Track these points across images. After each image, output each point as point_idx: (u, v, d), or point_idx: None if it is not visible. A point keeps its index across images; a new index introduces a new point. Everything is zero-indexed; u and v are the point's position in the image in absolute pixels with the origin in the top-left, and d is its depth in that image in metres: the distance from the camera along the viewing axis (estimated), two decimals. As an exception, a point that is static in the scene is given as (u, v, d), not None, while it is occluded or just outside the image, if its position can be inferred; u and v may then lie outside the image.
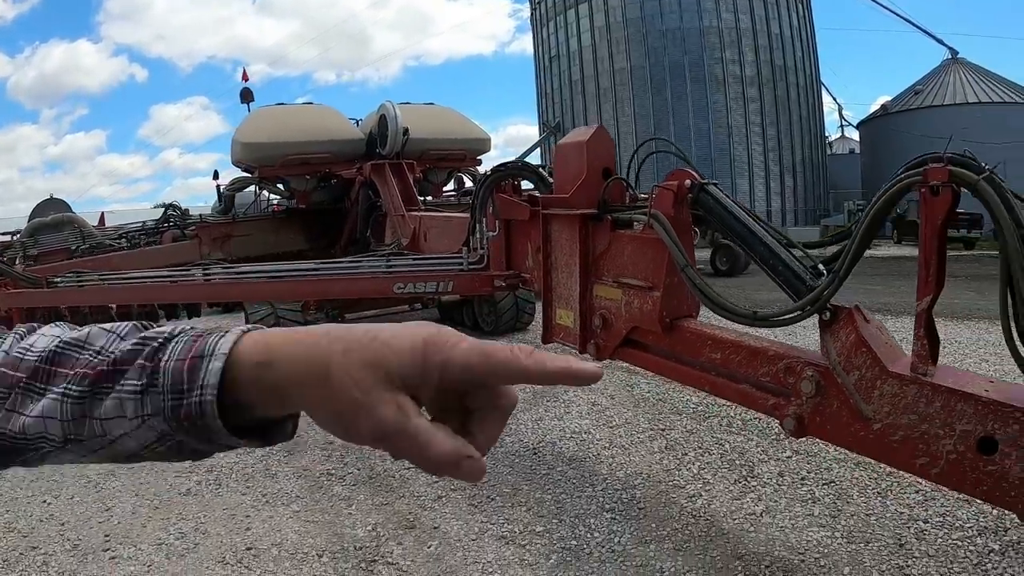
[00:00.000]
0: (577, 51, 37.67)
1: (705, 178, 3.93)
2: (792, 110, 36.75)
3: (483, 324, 10.68)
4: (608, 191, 4.48)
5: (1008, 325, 2.93)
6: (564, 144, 4.94)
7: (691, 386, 4.16)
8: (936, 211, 3.05)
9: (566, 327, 4.75)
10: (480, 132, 12.32)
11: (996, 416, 2.88)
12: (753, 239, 3.59)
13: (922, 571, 3.83)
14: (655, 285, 4.00)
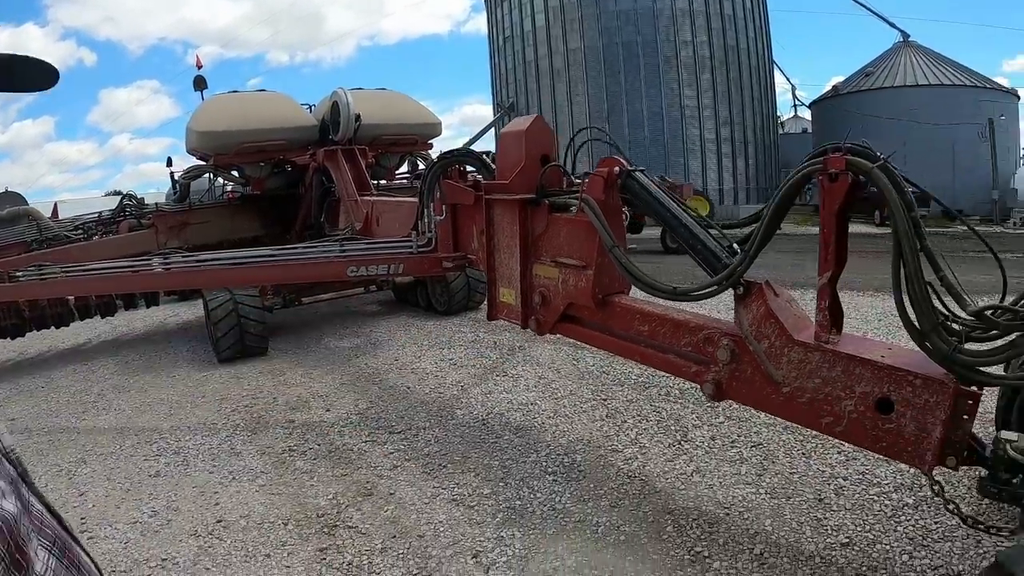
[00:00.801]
0: (531, 31, 37.52)
1: (634, 165, 4.26)
2: (745, 90, 37.03)
3: (436, 304, 10.96)
4: (545, 177, 4.78)
5: (900, 297, 3.29)
6: (505, 133, 5.23)
7: (623, 357, 4.49)
8: (834, 196, 3.39)
9: (509, 304, 5.07)
10: (431, 117, 12.50)
11: (891, 379, 3.22)
12: (675, 221, 3.92)
13: (838, 523, 4.19)
14: (588, 264, 4.32)
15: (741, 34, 37.08)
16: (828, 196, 3.37)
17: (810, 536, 4.03)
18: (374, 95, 11.99)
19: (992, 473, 3.08)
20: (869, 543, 3.99)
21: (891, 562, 3.80)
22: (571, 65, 35.89)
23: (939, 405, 3.12)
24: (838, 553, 3.89)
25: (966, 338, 3.13)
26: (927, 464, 3.15)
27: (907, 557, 3.86)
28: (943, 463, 3.15)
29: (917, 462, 3.20)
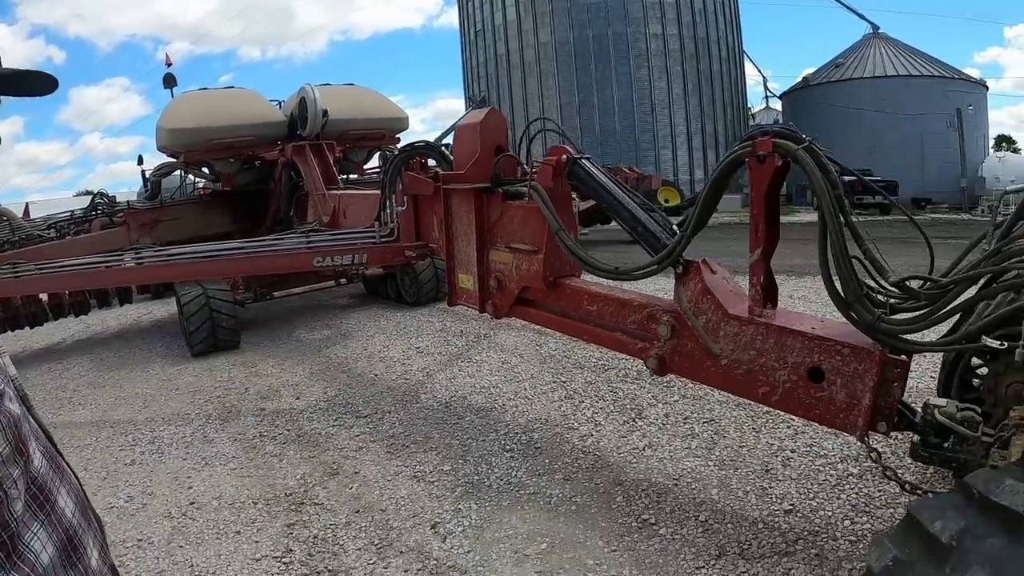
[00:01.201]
0: (502, 25, 37.54)
1: (581, 153, 4.45)
2: (715, 83, 37.23)
3: (406, 296, 11.11)
4: (500, 167, 4.96)
5: (827, 273, 3.49)
6: (461, 126, 5.41)
7: (574, 336, 4.69)
8: (763, 177, 3.58)
9: (468, 290, 5.25)
10: (398, 111, 12.63)
11: (821, 349, 3.41)
12: (618, 205, 4.11)
13: (783, 491, 4.40)
14: (539, 248, 4.52)
15: (712, 26, 37.23)
16: (756, 177, 3.55)
17: (755, 504, 4.23)
18: (341, 91, 12.11)
19: (923, 438, 3.24)
20: (812, 510, 4.18)
21: (832, 527, 3.98)
22: (542, 58, 35.96)
23: (867, 373, 3.27)
24: (781, 519, 4.07)
25: (896, 309, 3.34)
26: (859, 430, 3.30)
27: (848, 523, 4.03)
28: (874, 429, 3.30)
29: (849, 428, 3.35)
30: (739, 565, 3.64)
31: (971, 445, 3.03)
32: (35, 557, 1.07)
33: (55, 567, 1.11)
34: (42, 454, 1.15)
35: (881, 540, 1.95)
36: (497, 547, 3.94)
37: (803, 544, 3.81)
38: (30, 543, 1.07)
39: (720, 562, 3.68)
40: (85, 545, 1.23)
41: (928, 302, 3.20)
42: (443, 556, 3.90)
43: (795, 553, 3.71)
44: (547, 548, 3.90)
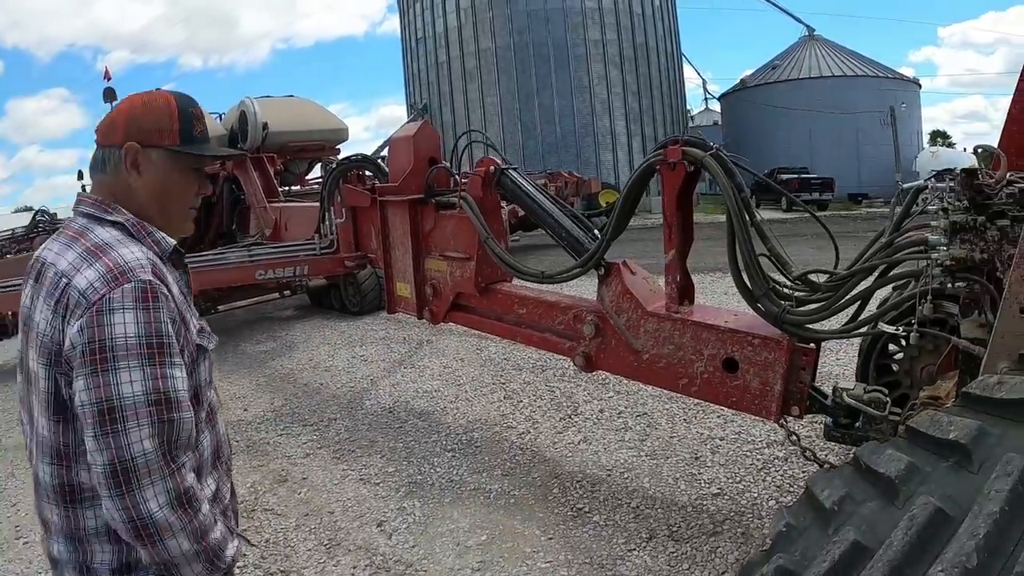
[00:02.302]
0: (443, 32, 37.26)
1: (508, 164, 4.66)
2: (655, 86, 37.39)
3: (349, 305, 11.16)
4: (432, 178, 5.14)
5: (736, 270, 3.72)
6: (395, 139, 5.58)
7: (507, 338, 4.92)
8: (674, 182, 3.81)
9: (405, 297, 5.42)
10: (337, 123, 12.69)
11: (734, 341, 3.63)
12: (542, 212, 4.34)
13: (712, 477, 4.63)
14: (471, 256, 4.72)
15: (651, 31, 37.39)
16: (668, 183, 3.78)
17: (684, 489, 4.46)
18: (281, 103, 12.13)
19: (834, 420, 3.47)
20: (739, 492, 4.41)
21: (758, 507, 4.21)
22: (483, 65, 35.90)
23: (777, 361, 3.48)
24: (709, 502, 4.30)
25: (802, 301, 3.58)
26: (773, 415, 3.52)
27: (773, 503, 4.26)
28: (788, 413, 3.52)
29: (764, 413, 3.56)
30: (668, 546, 3.84)
31: (879, 424, 3.25)
32: (203, 450, 1.71)
33: (208, 462, 1.74)
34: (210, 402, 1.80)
35: (780, 511, 2.09)
36: (440, 541, 4.12)
37: (730, 524, 4.02)
38: (201, 441, 1.70)
39: (650, 544, 3.87)
40: (224, 456, 1.88)
41: (830, 293, 3.46)
42: (389, 552, 4.06)
43: (722, 533, 3.93)
44: (487, 539, 4.09)
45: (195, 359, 1.69)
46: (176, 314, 1.59)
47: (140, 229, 1.66)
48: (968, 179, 2.58)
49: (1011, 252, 2.39)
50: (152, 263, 1.58)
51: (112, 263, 1.52)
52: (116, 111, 1.70)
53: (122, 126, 1.66)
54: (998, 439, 1.64)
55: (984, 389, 1.89)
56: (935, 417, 1.91)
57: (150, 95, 1.71)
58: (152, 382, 1.47)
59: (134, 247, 1.60)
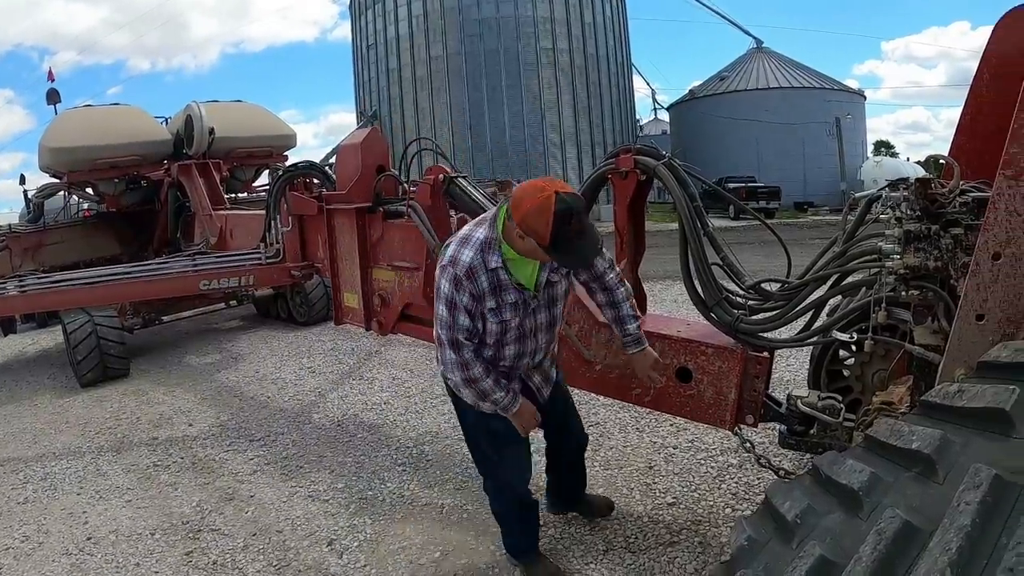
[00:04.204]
0: (395, 39, 36.97)
1: (457, 172, 4.58)
2: (604, 95, 37.61)
3: (297, 315, 10.96)
4: (380, 186, 5.04)
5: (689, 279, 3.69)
6: (343, 146, 5.46)
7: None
8: (625, 191, 3.78)
9: (353, 308, 5.30)
10: (285, 129, 12.45)
11: (687, 350, 3.59)
12: None
13: (666, 486, 4.57)
14: (419, 265, 4.63)
15: (601, 41, 37.61)
16: (620, 192, 3.75)
17: (639, 499, 4.38)
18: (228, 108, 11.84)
19: (789, 427, 3.46)
20: (694, 501, 4.35)
21: (715, 516, 4.16)
22: (434, 73, 35.69)
23: (731, 370, 3.48)
24: (665, 512, 4.23)
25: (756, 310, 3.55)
26: (727, 424, 3.54)
27: (729, 510, 4.21)
28: (743, 421, 3.55)
29: (719, 422, 3.58)
30: (626, 558, 3.77)
31: (834, 431, 3.28)
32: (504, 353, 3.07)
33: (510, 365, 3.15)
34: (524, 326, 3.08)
35: (740, 523, 2.04)
36: (392, 559, 4.00)
37: (687, 534, 3.96)
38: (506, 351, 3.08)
39: (607, 556, 3.80)
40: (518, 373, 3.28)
41: (783, 302, 3.43)
42: (340, 571, 3.93)
43: (679, 543, 3.87)
44: (440, 556, 3.98)
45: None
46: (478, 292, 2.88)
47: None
48: (922, 188, 2.59)
49: (965, 260, 2.43)
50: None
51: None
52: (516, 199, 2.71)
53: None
54: (961, 448, 1.61)
55: (944, 397, 1.86)
56: (895, 426, 1.89)
57: (532, 185, 2.72)
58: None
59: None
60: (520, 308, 2.99)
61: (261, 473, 5.34)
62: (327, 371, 8.11)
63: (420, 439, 5.73)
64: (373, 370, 7.94)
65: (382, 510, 4.58)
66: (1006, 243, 2.05)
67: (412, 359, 8.21)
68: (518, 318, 3.01)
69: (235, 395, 7.52)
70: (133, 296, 8.49)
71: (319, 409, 6.75)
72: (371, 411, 6.54)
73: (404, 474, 5.09)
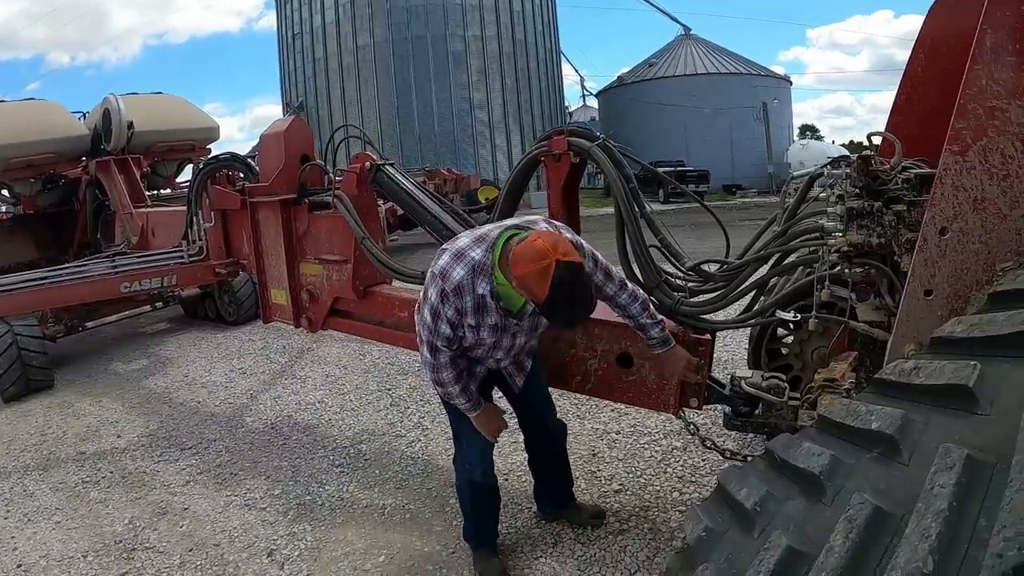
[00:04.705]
0: (321, 27, 36.50)
1: (385, 159, 4.40)
2: (533, 82, 37.81)
3: (225, 315, 10.56)
4: (305, 176, 4.83)
5: (626, 260, 3.60)
6: (265, 135, 5.20)
7: (391, 344, 4.65)
8: (559, 175, 3.66)
9: (281, 305, 5.09)
10: (208, 121, 11.97)
11: (627, 336, 3.49)
12: (420, 209, 4.11)
13: (611, 473, 4.51)
14: (347, 258, 4.44)
15: (530, 28, 37.77)
16: (553, 175, 3.64)
17: (585, 488, 4.28)
18: (148, 100, 11.28)
19: (733, 409, 3.42)
20: (641, 487, 4.31)
21: (662, 500, 4.12)
22: (361, 62, 35.31)
23: None
24: (612, 499, 4.18)
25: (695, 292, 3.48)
26: (672, 408, 3.46)
27: (677, 494, 4.18)
28: (687, 405, 3.47)
29: (663, 407, 3.50)
30: (576, 550, 3.69)
31: (779, 410, 3.24)
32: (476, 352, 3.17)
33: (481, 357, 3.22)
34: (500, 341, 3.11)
35: (694, 511, 1.97)
36: (336, 566, 3.83)
37: (636, 521, 3.91)
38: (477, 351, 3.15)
39: (557, 550, 3.72)
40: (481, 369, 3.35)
41: (724, 283, 3.36)
42: (282, 583, 3.75)
43: (629, 531, 3.82)
44: (386, 560, 3.83)
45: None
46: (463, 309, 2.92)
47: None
48: (864, 165, 2.57)
49: (908, 236, 2.45)
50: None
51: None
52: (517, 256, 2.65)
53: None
54: (923, 427, 1.56)
55: (900, 375, 1.80)
56: (850, 406, 1.83)
57: (533, 245, 2.62)
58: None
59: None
60: (499, 330, 3.04)
61: (194, 483, 5.09)
62: (258, 371, 7.84)
63: (357, 438, 5.54)
64: (306, 368, 7.70)
65: (322, 515, 4.39)
66: (953, 218, 2.04)
67: (345, 355, 7.98)
68: (495, 338, 3.07)
69: (164, 402, 7.19)
70: (54, 303, 8.05)
71: (252, 412, 6.49)
72: (305, 411, 6.32)
73: (342, 476, 4.90)
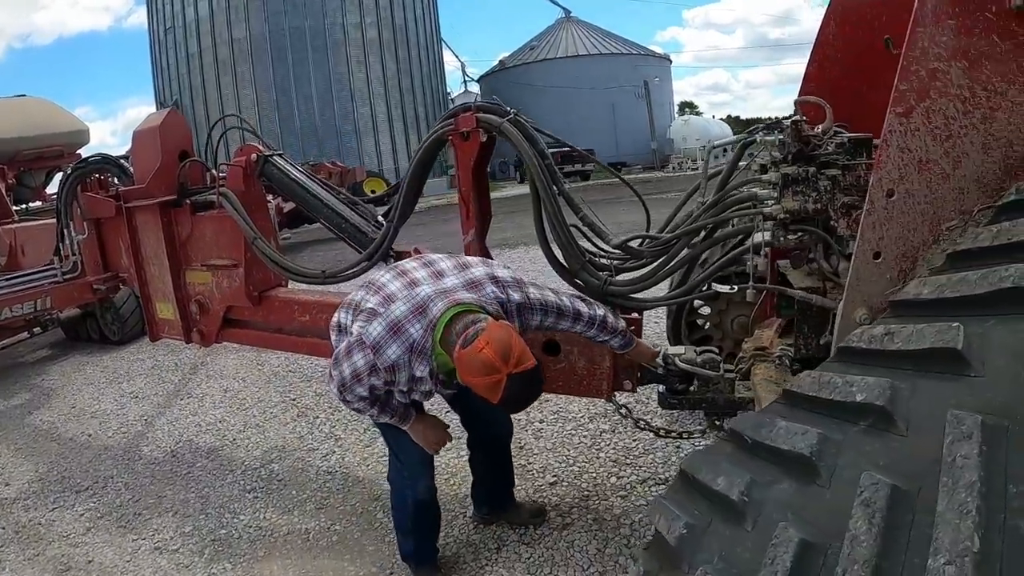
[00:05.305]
0: (194, 21, 35.61)
1: (272, 149, 4.05)
2: (415, 70, 38.00)
3: (110, 334, 9.82)
4: (185, 174, 4.42)
5: (545, 241, 3.39)
6: (138, 132, 4.74)
7: (293, 352, 4.34)
8: (468, 155, 3.42)
9: (168, 320, 4.69)
10: (77, 124, 11.22)
11: (557, 321, 3.30)
12: (316, 202, 3.81)
13: (543, 464, 4.36)
14: (238, 262, 4.10)
15: (409, 14, 37.91)
16: (463, 155, 3.41)
17: (519, 484, 4.02)
18: (10, 105, 10.44)
19: (668, 387, 3.31)
20: (576, 476, 4.17)
21: (601, 487, 4.01)
22: (237, 55, 34.65)
23: None
24: (549, 493, 4.01)
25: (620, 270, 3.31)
26: (605, 393, 3.37)
27: (615, 479, 4.07)
28: (620, 388, 3.39)
29: (595, 392, 3.40)
30: (522, 552, 3.53)
31: (716, 384, 3.20)
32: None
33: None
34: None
35: (664, 506, 1.82)
36: (265, 605, 3.47)
37: (578, 512, 3.77)
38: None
39: (501, 555, 3.54)
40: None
41: (653, 258, 3.24)
42: (208, 633, 3.37)
43: (573, 524, 3.68)
44: (318, 589, 3.50)
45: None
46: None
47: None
48: (796, 131, 2.54)
49: (844, 200, 2.47)
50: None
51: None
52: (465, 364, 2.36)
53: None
54: (911, 394, 1.48)
55: (871, 341, 1.72)
56: (821, 378, 1.74)
57: (482, 356, 2.30)
58: None
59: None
60: (432, 394, 2.85)
61: (96, 530, 4.56)
62: (151, 394, 7.23)
63: (266, 457, 5.12)
64: (202, 385, 7.15)
65: (241, 549, 3.99)
66: (899, 180, 2.02)
67: (242, 366, 7.47)
68: (428, 397, 2.91)
69: (52, 439, 6.53)
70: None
71: (149, 440, 5.93)
72: (206, 433, 5.82)
73: (257, 501, 4.48)
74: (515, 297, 2.69)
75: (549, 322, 2.83)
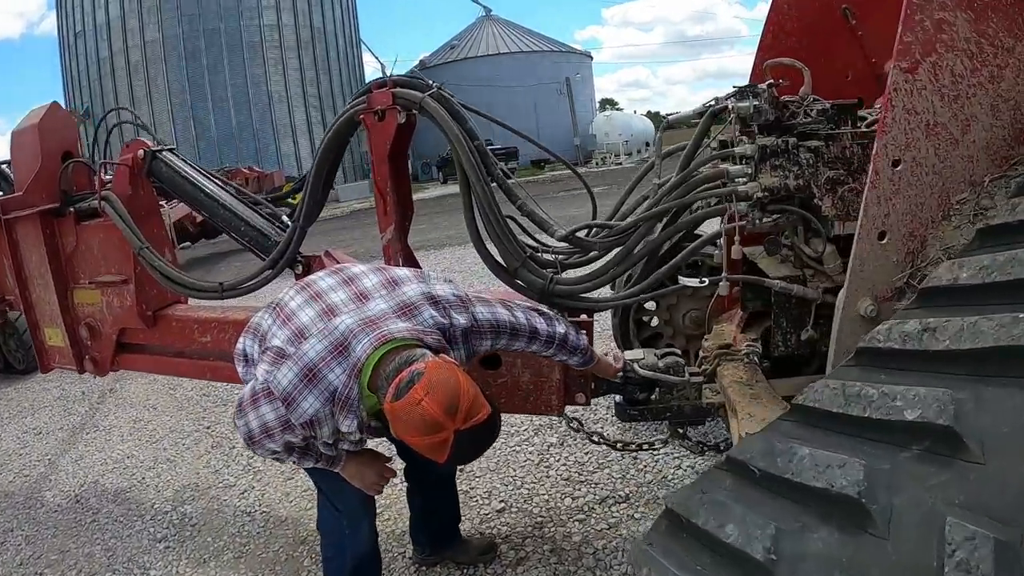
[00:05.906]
0: (104, 24, 34.75)
1: (161, 145, 3.55)
2: (334, 71, 38.08)
3: (13, 363, 9.04)
4: (68, 179, 3.86)
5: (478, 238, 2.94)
6: (16, 132, 4.14)
7: (198, 377, 3.84)
8: (384, 138, 2.96)
9: (59, 347, 4.13)
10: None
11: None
12: (211, 203, 3.36)
13: (488, 489, 3.96)
14: (128, 277, 3.59)
15: (328, 16, 38.03)
16: (378, 139, 2.95)
17: (464, 515, 3.60)
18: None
19: (627, 397, 2.98)
20: (525, 499, 3.80)
21: (554, 511, 3.64)
22: (150, 58, 33.92)
23: None
24: (498, 522, 3.64)
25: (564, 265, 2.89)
26: (555, 408, 3.02)
27: (569, 500, 3.73)
28: (573, 402, 3.02)
29: (544, 409, 3.05)
30: (476, 594, 3.15)
31: (682, 390, 2.91)
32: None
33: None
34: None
35: (654, 560, 1.51)
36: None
37: (532, 543, 3.41)
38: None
39: (453, 596, 3.15)
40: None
41: (605, 251, 2.85)
42: None
43: (528, 557, 3.32)
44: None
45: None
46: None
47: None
48: (774, 96, 2.33)
49: (828, 175, 2.30)
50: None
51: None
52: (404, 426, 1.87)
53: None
54: (976, 407, 1.18)
55: (907, 341, 1.44)
56: (847, 390, 1.44)
57: (421, 411, 1.82)
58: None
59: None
60: (364, 442, 2.39)
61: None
62: (56, 428, 6.53)
63: (178, 497, 4.56)
64: (110, 416, 6.50)
65: (151, 611, 3.47)
66: (905, 147, 1.86)
67: (153, 392, 6.87)
68: (358, 447, 2.42)
69: (-55, 487, 5.82)
70: None
71: (52, 483, 5.25)
72: (114, 472, 5.19)
73: (169, 552, 3.94)
74: (460, 321, 2.24)
75: (501, 344, 2.39)
